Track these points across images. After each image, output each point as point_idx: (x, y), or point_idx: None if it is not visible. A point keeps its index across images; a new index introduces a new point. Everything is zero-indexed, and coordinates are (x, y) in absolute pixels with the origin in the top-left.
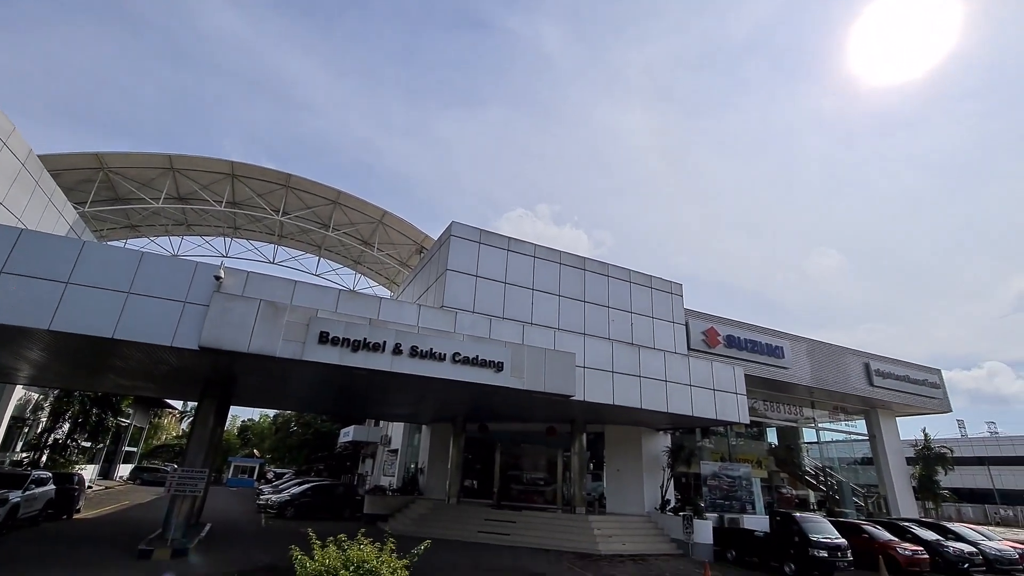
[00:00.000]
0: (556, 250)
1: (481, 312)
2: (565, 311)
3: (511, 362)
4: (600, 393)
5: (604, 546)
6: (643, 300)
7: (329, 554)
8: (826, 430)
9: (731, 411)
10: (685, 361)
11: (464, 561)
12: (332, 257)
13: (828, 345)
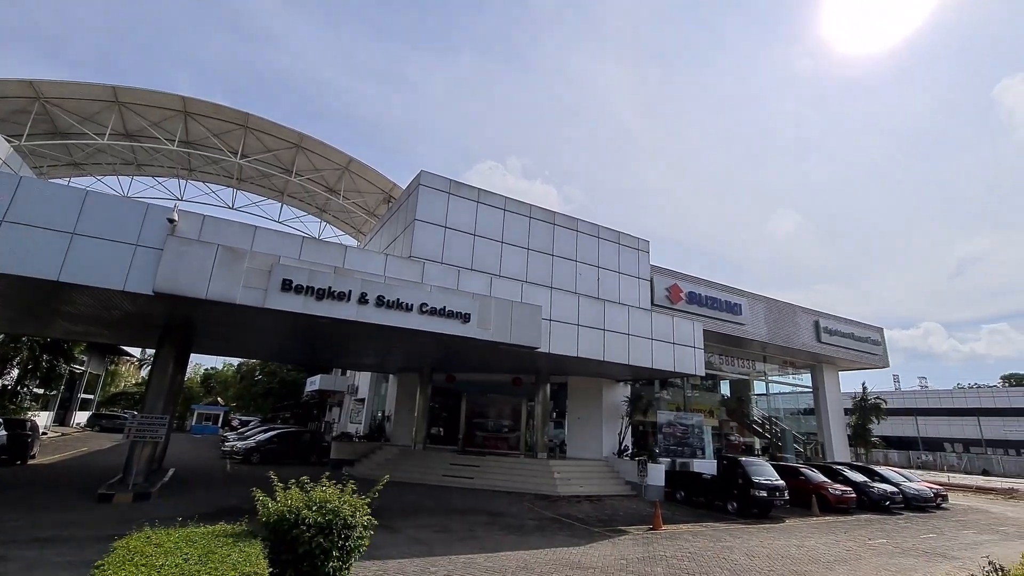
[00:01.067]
0: (526, 203)
1: (449, 263)
2: (533, 264)
3: (478, 314)
4: (565, 345)
5: (563, 488)
6: (610, 255)
7: (292, 495)
8: (775, 382)
9: (688, 364)
10: (648, 316)
11: (429, 502)
12: (296, 204)
13: (783, 303)
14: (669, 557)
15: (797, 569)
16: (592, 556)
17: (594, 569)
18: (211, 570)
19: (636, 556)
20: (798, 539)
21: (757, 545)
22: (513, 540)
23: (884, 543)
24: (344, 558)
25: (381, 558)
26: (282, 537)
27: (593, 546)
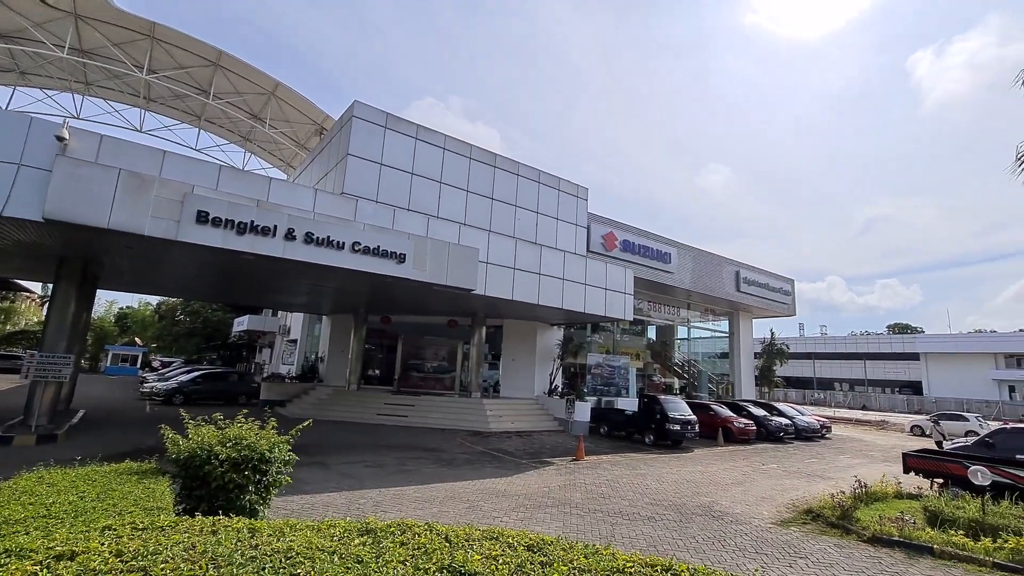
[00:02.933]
0: (468, 143)
1: (385, 202)
2: (472, 207)
3: (414, 254)
4: (501, 288)
5: (495, 425)
6: (550, 201)
7: (204, 432)
8: (696, 328)
9: (619, 309)
10: (583, 262)
11: (362, 439)
12: (215, 131)
13: (709, 254)
14: (588, 484)
15: (699, 491)
16: (517, 485)
17: (519, 496)
18: (109, 507)
19: (558, 484)
20: (703, 466)
21: (667, 471)
22: (444, 472)
23: (775, 467)
24: (262, 493)
25: (309, 492)
26: (194, 473)
27: (519, 476)
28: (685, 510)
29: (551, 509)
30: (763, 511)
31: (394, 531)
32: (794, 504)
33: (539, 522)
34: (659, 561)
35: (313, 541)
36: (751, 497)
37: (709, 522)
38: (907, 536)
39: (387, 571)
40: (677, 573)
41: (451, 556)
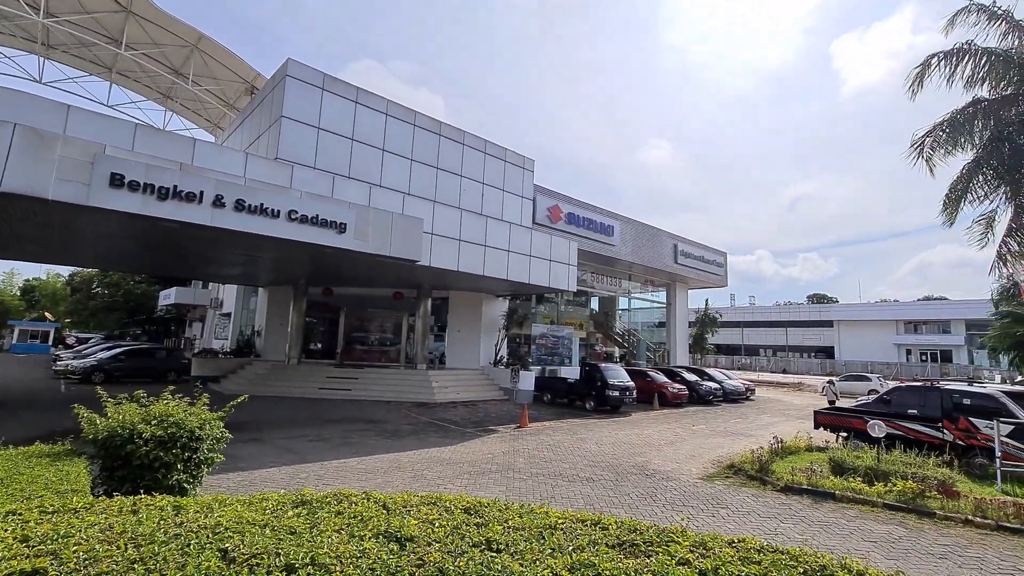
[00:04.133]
0: (411, 110)
1: (323, 169)
2: (417, 176)
3: (355, 224)
4: (446, 260)
5: (440, 395)
6: (496, 172)
7: (126, 410)
8: (636, 299)
9: (563, 281)
10: (528, 234)
11: (303, 414)
12: (131, 86)
13: (649, 227)
14: (531, 449)
15: (634, 452)
16: (462, 453)
17: (463, 463)
18: (15, 491)
19: (502, 450)
20: (639, 429)
21: (606, 435)
22: (388, 444)
23: (703, 428)
24: (192, 471)
25: (246, 469)
26: (115, 453)
27: (464, 444)
28: (621, 470)
29: (495, 475)
30: (691, 468)
31: (330, 501)
32: (719, 461)
33: (483, 487)
34: (589, 516)
35: (244, 515)
36: (681, 456)
37: (642, 480)
38: (814, 484)
39: (321, 540)
40: (605, 526)
41: (388, 522)
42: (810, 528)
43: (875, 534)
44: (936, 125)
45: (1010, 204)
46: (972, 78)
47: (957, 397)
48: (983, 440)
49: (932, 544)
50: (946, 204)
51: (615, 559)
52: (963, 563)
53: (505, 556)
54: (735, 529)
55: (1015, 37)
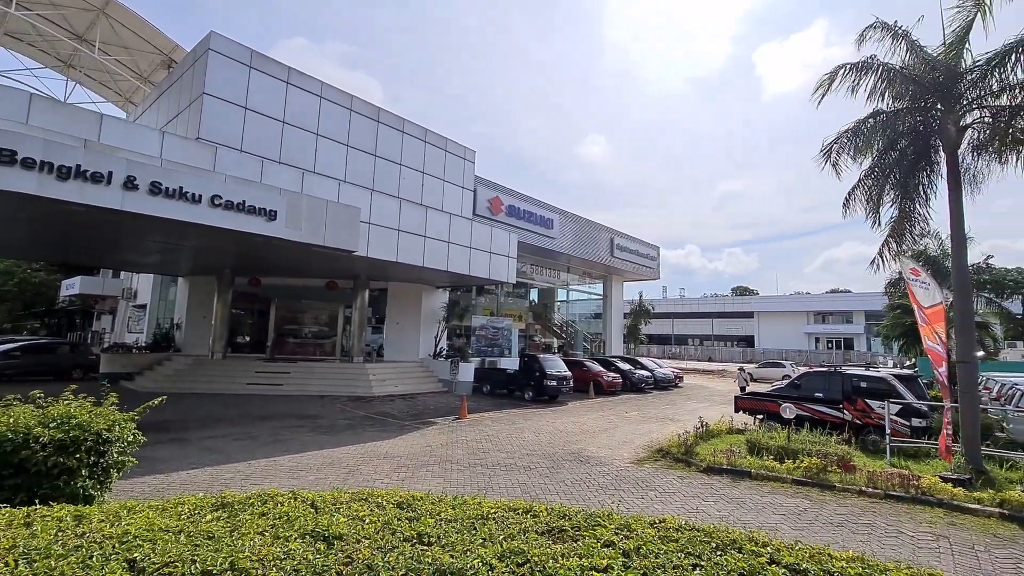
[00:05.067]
0: (348, 94)
1: (251, 152)
2: (353, 163)
3: (287, 211)
4: (384, 250)
5: (378, 389)
6: (436, 162)
7: (18, 412)
8: (574, 291)
9: (503, 272)
10: (469, 225)
11: (230, 411)
12: (23, 50)
13: (588, 221)
14: (469, 440)
15: (570, 439)
16: (400, 446)
17: (401, 457)
18: None
19: (440, 442)
20: (575, 417)
21: (543, 424)
22: (322, 440)
23: (636, 415)
24: (99, 477)
25: (164, 472)
26: (6, 460)
27: (402, 438)
28: (557, 457)
29: (433, 467)
30: (624, 453)
31: (254, 503)
32: (649, 445)
33: (420, 480)
34: (521, 505)
35: (155, 522)
36: (614, 442)
37: (577, 466)
38: (733, 464)
39: (243, 543)
40: (536, 513)
41: (315, 521)
42: (728, 505)
43: (784, 507)
44: (841, 133)
45: (897, 207)
46: (873, 91)
47: (855, 381)
48: (876, 419)
49: (832, 514)
50: (846, 205)
51: (544, 545)
52: (856, 529)
53: (436, 549)
54: (662, 509)
55: (912, 55)
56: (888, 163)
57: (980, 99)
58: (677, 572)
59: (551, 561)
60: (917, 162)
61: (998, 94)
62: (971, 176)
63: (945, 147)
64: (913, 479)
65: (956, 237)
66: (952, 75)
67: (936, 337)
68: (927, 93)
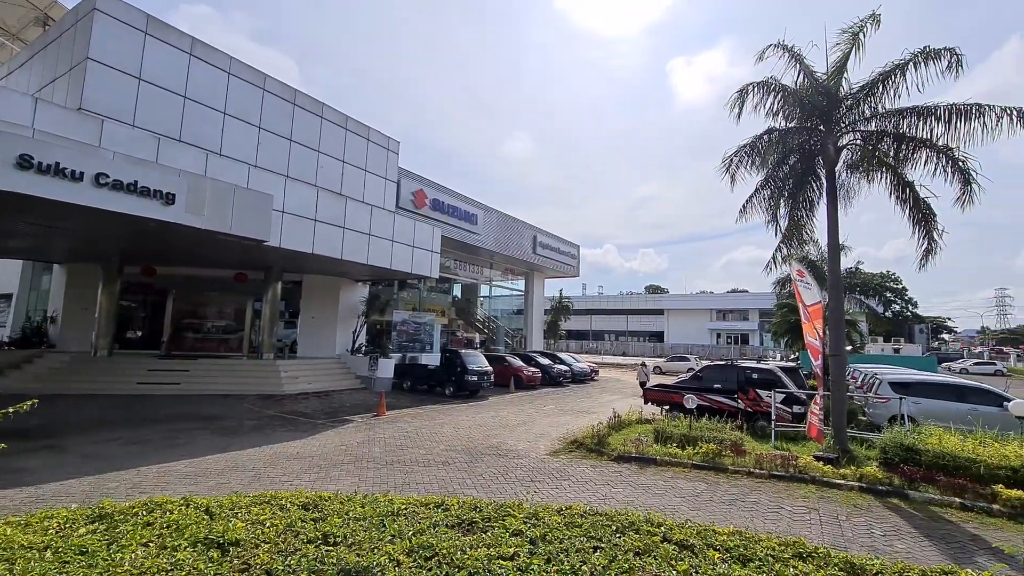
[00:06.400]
0: (261, 72)
1: (147, 128)
2: (267, 147)
3: (188, 195)
4: (300, 241)
5: (290, 387)
6: (358, 151)
7: None
8: (497, 286)
9: (425, 267)
10: (391, 218)
11: (117, 414)
12: None
13: (512, 218)
14: (387, 437)
15: (489, 433)
16: (312, 446)
17: (313, 457)
18: None
19: (357, 441)
20: (495, 411)
21: (464, 419)
22: (224, 442)
23: (553, 408)
24: None
25: (36, 483)
26: None
27: (315, 437)
28: (476, 452)
29: (347, 466)
30: (540, 445)
31: (138, 512)
32: (565, 437)
33: (333, 480)
34: (433, 499)
35: (15, 539)
36: (532, 435)
37: (496, 460)
38: (641, 452)
39: (122, 557)
40: (447, 507)
41: (209, 528)
42: (635, 490)
43: (684, 490)
44: (740, 147)
45: (787, 216)
46: (771, 109)
47: (748, 372)
48: (765, 407)
49: (724, 494)
50: (742, 212)
51: (454, 538)
52: (744, 506)
53: (342, 548)
54: (574, 497)
55: (804, 78)
56: (780, 176)
57: (854, 123)
58: (579, 555)
59: (459, 553)
60: (804, 176)
61: (869, 119)
62: (845, 191)
63: (825, 164)
64: (792, 460)
65: (832, 245)
66: (833, 100)
67: (815, 333)
68: (813, 115)
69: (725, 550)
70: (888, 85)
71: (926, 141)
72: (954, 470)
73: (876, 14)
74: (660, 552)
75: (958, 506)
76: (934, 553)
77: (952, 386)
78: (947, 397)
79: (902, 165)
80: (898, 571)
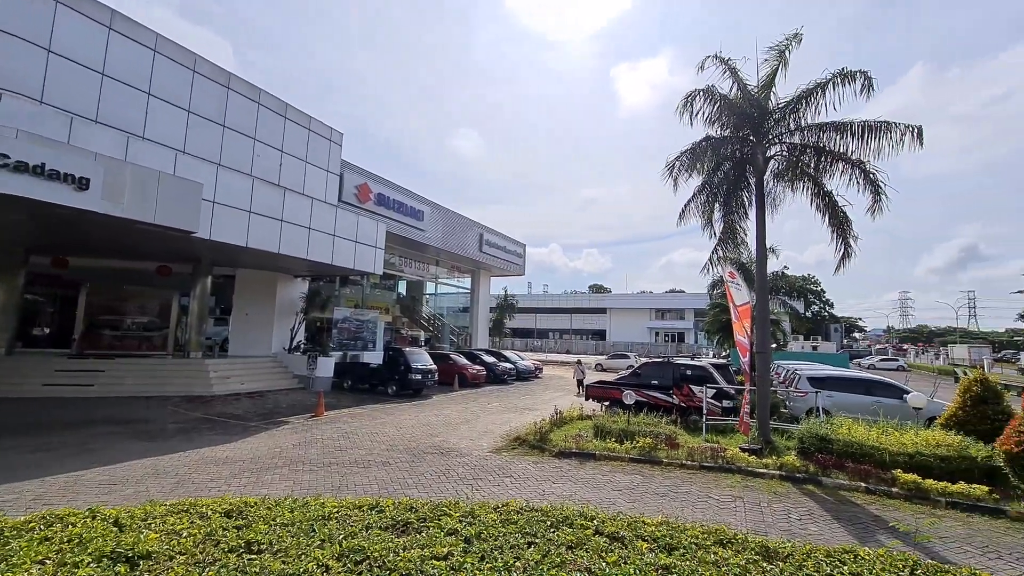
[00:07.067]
0: (191, 52)
1: (56, 106)
2: (196, 132)
3: (106, 181)
4: (233, 233)
5: (220, 387)
6: (298, 141)
7: None
8: (443, 283)
9: (368, 263)
10: (333, 211)
11: (20, 418)
12: None
13: (458, 216)
14: (325, 439)
15: (432, 432)
16: (243, 450)
17: (244, 461)
18: None
19: (292, 443)
20: (439, 410)
21: (406, 418)
22: (145, 447)
23: (498, 405)
24: None
25: None
26: None
27: (247, 440)
28: (418, 451)
29: (281, 470)
30: (483, 443)
31: (35, 526)
32: (508, 434)
33: (266, 485)
34: (367, 501)
35: None
36: (475, 432)
37: (438, 459)
38: (581, 448)
39: None
40: (382, 508)
41: (117, 541)
42: (575, 485)
43: (622, 483)
44: (682, 152)
45: (722, 221)
46: (709, 117)
47: (683, 369)
48: (697, 402)
49: (659, 486)
50: (682, 215)
51: (387, 540)
52: (676, 497)
53: (267, 556)
54: (515, 494)
55: (738, 90)
56: (715, 182)
57: (781, 136)
58: (513, 552)
59: (391, 555)
60: (737, 183)
61: (793, 132)
62: (773, 199)
63: (755, 173)
64: (721, 451)
65: (760, 249)
66: (763, 112)
67: (744, 331)
68: (745, 126)
69: (653, 540)
70: (810, 102)
71: (842, 155)
72: (860, 457)
73: (799, 34)
74: (592, 545)
75: (863, 490)
76: (842, 533)
77: (860, 381)
78: (856, 391)
79: (822, 176)
80: (806, 552)
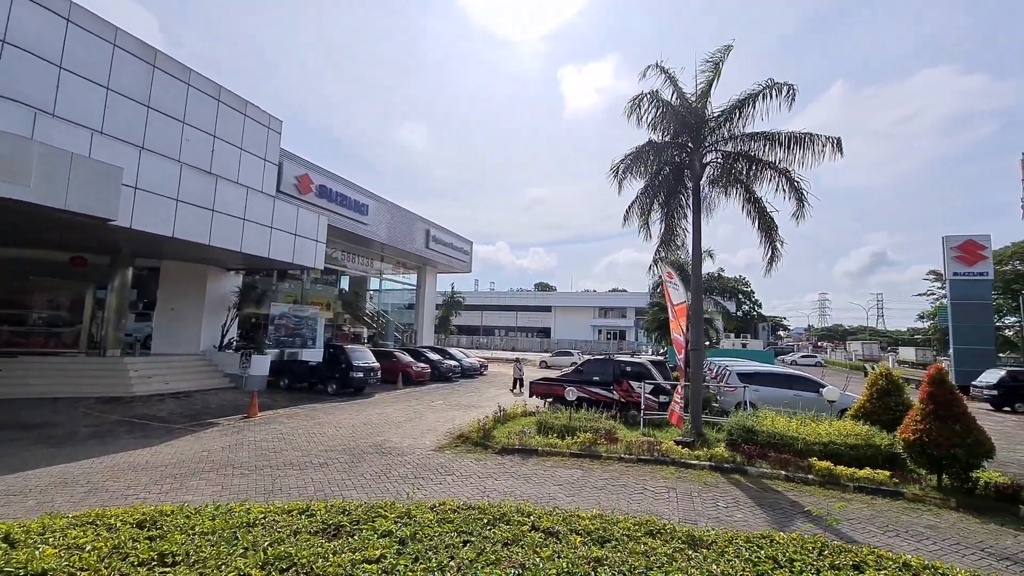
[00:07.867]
0: (111, 24)
1: None
2: (116, 111)
3: (7, 161)
4: (158, 222)
5: (141, 387)
6: (233, 126)
7: None
8: (388, 280)
9: (308, 257)
10: (270, 202)
11: None
12: None
13: (404, 211)
14: (259, 441)
15: (373, 431)
16: (166, 454)
17: (166, 466)
18: None
19: (221, 446)
20: (381, 408)
21: (346, 418)
22: (52, 453)
23: (442, 403)
24: None
25: None
26: None
27: (171, 443)
28: (358, 451)
29: (208, 474)
30: (426, 441)
31: None
32: (451, 432)
33: (190, 491)
34: (296, 506)
35: None
36: (418, 431)
37: (379, 458)
38: (523, 444)
39: None
40: (312, 512)
41: (7, 559)
42: (516, 481)
43: (562, 478)
44: (626, 155)
45: (664, 222)
46: (652, 122)
47: (623, 366)
48: (636, 397)
49: (598, 480)
50: (626, 217)
51: (316, 545)
52: (614, 490)
53: (182, 568)
54: (457, 492)
55: (678, 98)
56: (657, 185)
57: (716, 144)
58: (449, 551)
59: (320, 561)
60: (677, 187)
61: (727, 141)
62: (708, 203)
63: (692, 178)
64: (656, 445)
65: (695, 251)
66: (701, 120)
67: (680, 329)
68: (684, 132)
69: (587, 533)
70: (743, 111)
71: (771, 163)
72: (782, 447)
73: (730, 46)
74: (527, 541)
75: (783, 478)
76: (764, 519)
77: (783, 375)
78: (779, 385)
79: (753, 183)
80: (729, 538)
